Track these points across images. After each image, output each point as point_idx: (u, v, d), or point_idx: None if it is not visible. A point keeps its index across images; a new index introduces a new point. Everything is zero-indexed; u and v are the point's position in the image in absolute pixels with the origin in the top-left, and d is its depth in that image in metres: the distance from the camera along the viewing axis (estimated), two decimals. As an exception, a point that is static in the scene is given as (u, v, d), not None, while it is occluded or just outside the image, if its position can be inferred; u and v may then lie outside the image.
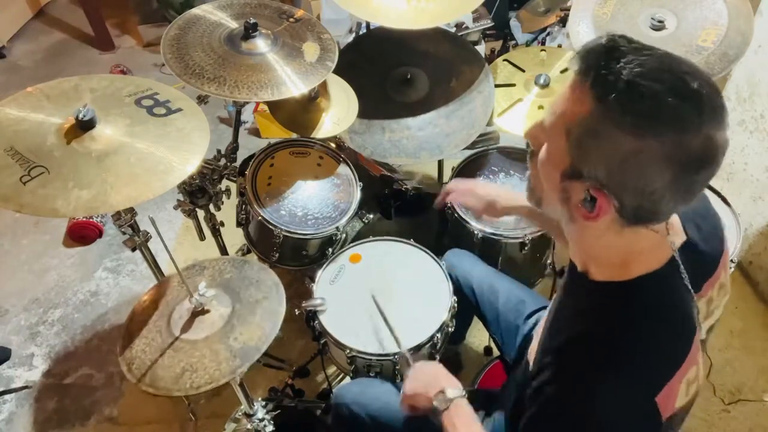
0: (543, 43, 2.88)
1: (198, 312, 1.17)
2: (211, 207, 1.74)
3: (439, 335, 1.38)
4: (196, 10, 1.56)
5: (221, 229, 1.85)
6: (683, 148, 0.64)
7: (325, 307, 1.43)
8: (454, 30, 2.39)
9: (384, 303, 1.38)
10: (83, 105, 1.18)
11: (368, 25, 2.08)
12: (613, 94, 0.64)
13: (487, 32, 2.86)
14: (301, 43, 1.56)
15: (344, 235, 1.73)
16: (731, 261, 1.59)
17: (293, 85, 1.44)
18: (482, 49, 2.79)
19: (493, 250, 1.66)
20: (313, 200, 1.70)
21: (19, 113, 1.19)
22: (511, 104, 1.75)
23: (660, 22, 1.56)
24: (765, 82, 1.96)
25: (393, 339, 1.31)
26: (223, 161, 1.74)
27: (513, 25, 3.01)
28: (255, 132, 2.89)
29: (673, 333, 0.77)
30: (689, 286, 0.79)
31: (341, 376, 1.84)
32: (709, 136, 0.64)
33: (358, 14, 1.71)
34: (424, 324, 1.38)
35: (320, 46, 1.57)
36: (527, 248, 1.64)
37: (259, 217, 1.60)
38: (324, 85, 1.69)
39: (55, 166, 1.11)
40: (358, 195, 1.70)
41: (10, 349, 2.05)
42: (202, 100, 1.50)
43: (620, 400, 0.73)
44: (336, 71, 1.54)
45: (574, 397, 0.75)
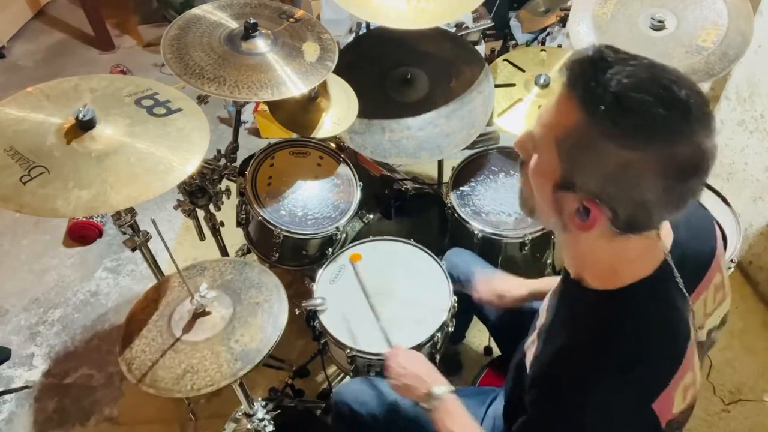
0: (543, 43, 2.88)
1: (199, 313, 1.17)
2: (211, 207, 1.74)
3: (439, 335, 1.38)
4: (196, 10, 1.56)
5: (221, 229, 1.85)
6: (674, 158, 0.64)
7: (325, 307, 1.43)
8: (454, 30, 2.39)
9: (384, 303, 1.37)
10: (83, 105, 1.17)
11: (368, 25, 2.08)
12: (602, 107, 0.64)
13: (487, 32, 2.86)
14: (301, 43, 1.56)
15: (344, 235, 1.73)
16: (731, 261, 1.59)
17: (293, 85, 1.44)
18: (482, 49, 2.80)
19: (493, 250, 1.66)
20: (313, 200, 1.70)
21: (19, 113, 1.19)
22: (511, 104, 1.76)
23: (660, 22, 1.56)
24: (765, 82, 1.96)
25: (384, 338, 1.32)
26: (223, 161, 1.74)
27: (513, 25, 3.01)
28: (255, 132, 2.89)
29: (666, 340, 0.77)
30: (684, 290, 0.79)
31: (341, 375, 1.84)
32: (699, 144, 0.64)
33: (358, 14, 1.70)
34: (424, 324, 1.39)
35: (320, 46, 1.57)
36: (527, 248, 1.64)
37: (259, 217, 1.60)
38: (324, 85, 1.68)
39: (55, 166, 1.11)
40: (358, 195, 1.71)
41: (10, 349, 2.05)
42: (202, 100, 1.50)
43: (615, 408, 0.73)
44: (336, 71, 1.54)
45: (568, 406, 0.75)
